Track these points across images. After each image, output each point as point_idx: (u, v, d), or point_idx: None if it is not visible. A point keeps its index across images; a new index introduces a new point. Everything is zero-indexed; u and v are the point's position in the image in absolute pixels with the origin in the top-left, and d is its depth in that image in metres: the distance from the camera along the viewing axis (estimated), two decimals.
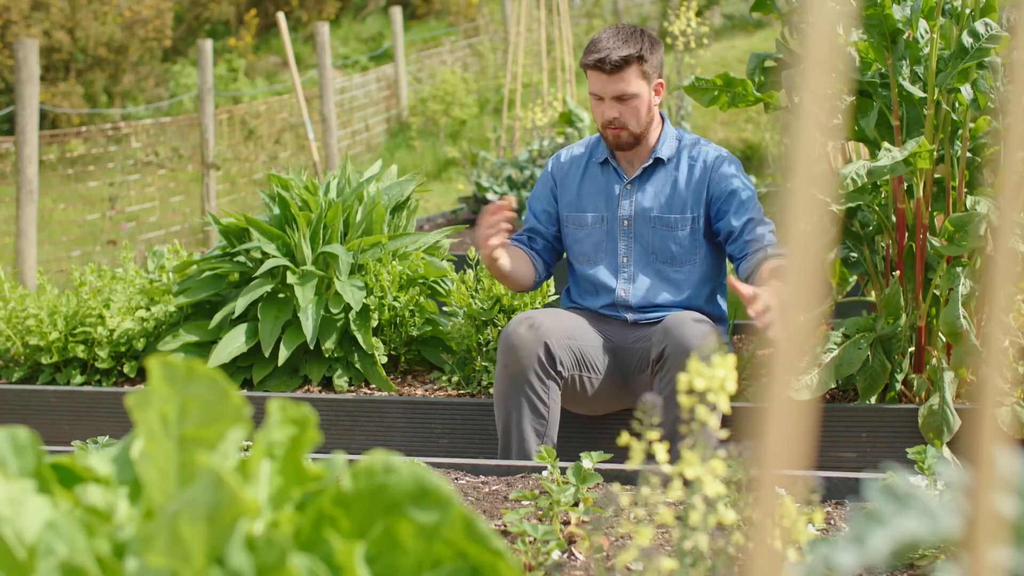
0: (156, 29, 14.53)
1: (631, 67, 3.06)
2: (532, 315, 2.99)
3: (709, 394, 1.19)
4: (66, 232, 9.14)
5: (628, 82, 3.07)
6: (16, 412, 3.81)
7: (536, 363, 2.91)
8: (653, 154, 3.16)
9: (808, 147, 0.65)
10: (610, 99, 3.08)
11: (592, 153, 3.27)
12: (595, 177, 3.24)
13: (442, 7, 17.94)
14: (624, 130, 3.11)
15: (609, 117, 3.09)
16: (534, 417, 2.92)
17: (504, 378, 2.94)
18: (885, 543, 0.76)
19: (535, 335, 2.92)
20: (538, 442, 2.92)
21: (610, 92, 3.08)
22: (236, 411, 0.99)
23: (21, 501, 0.98)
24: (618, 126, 3.10)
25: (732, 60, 11.96)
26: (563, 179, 3.28)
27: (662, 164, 3.17)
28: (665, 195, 3.15)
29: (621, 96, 3.08)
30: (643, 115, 3.12)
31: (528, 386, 2.92)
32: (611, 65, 3.05)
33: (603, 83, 3.07)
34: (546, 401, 2.93)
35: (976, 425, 0.69)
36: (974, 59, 2.91)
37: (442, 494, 0.97)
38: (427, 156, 11.51)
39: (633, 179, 3.18)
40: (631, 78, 3.07)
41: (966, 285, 2.95)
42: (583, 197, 3.23)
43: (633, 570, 1.73)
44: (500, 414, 2.96)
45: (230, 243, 4.00)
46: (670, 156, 3.16)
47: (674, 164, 3.16)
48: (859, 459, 3.11)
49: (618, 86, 3.07)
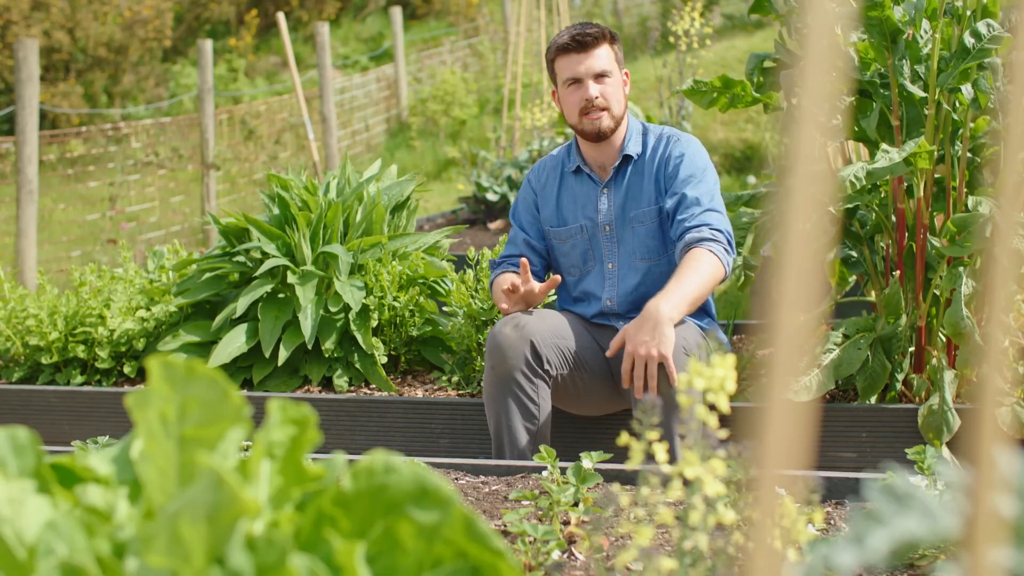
0: (156, 29, 14.53)
1: (603, 44, 3.08)
2: (517, 316, 2.98)
3: (708, 394, 1.19)
4: (66, 232, 9.14)
5: (604, 59, 3.07)
6: (16, 412, 3.81)
7: (523, 362, 2.90)
8: (622, 152, 3.15)
9: (808, 147, 0.65)
10: (590, 78, 3.07)
11: (564, 164, 3.25)
12: (571, 187, 3.22)
13: (442, 7, 17.94)
14: (606, 111, 3.08)
15: (592, 94, 3.06)
16: (524, 416, 2.92)
17: (492, 378, 2.93)
18: (885, 543, 0.76)
19: (520, 334, 2.92)
20: (530, 441, 2.92)
21: (589, 69, 3.06)
22: (236, 411, 0.99)
23: (21, 501, 0.98)
24: (600, 106, 3.07)
25: (732, 60, 11.95)
26: (541, 192, 3.26)
27: (631, 161, 3.15)
28: (635, 191, 3.14)
29: (600, 74, 3.07)
30: (622, 97, 3.12)
31: (516, 385, 2.91)
32: (585, 41, 3.05)
33: (579, 61, 3.06)
34: (535, 400, 2.93)
35: (976, 425, 0.69)
36: (976, 59, 2.91)
37: (442, 494, 0.97)
38: (427, 156, 11.50)
39: (608, 182, 3.16)
40: (606, 55, 3.08)
41: (968, 285, 2.95)
42: (563, 209, 3.21)
43: (633, 570, 1.73)
44: (491, 414, 2.96)
45: (230, 243, 4.00)
46: (638, 152, 3.15)
47: (642, 158, 3.15)
48: (859, 459, 3.11)
49: (596, 62, 3.06)
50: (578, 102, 3.08)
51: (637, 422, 1.28)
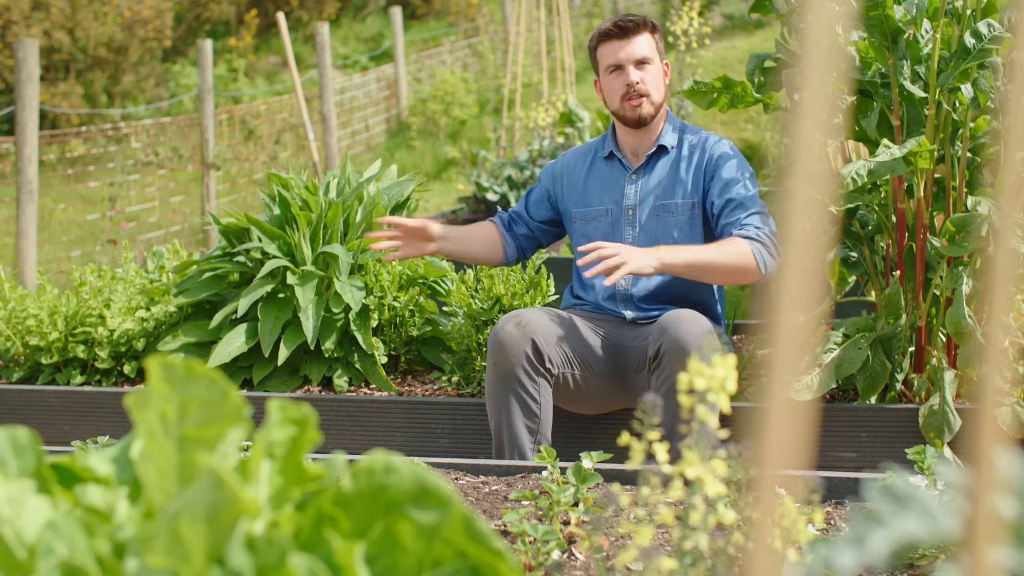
0: (156, 29, 14.53)
1: (644, 32, 3.15)
2: (520, 313, 2.99)
3: (709, 394, 1.19)
4: (66, 232, 9.14)
5: (645, 46, 3.14)
6: (16, 412, 3.81)
7: (524, 360, 2.91)
8: (657, 142, 3.20)
9: (808, 147, 0.65)
10: (631, 64, 3.12)
11: (597, 150, 3.32)
12: (601, 171, 3.28)
13: (442, 7, 17.94)
14: (646, 98, 3.14)
15: (633, 79, 3.12)
16: (525, 415, 2.92)
17: (494, 377, 2.94)
18: (885, 543, 0.76)
19: (522, 332, 2.92)
20: (531, 440, 2.92)
21: (630, 55, 3.12)
22: (236, 411, 0.99)
23: (21, 501, 0.98)
24: (641, 92, 3.13)
25: (732, 60, 11.96)
26: (569, 174, 3.32)
27: (665, 152, 3.21)
28: (667, 182, 3.18)
29: (642, 60, 3.13)
30: (662, 85, 3.18)
31: (518, 384, 2.91)
32: (627, 27, 3.12)
33: (621, 47, 3.13)
34: (537, 398, 2.93)
35: (976, 425, 0.69)
36: (976, 59, 2.91)
37: (442, 494, 0.97)
38: (427, 156, 11.50)
39: (638, 168, 3.21)
40: (648, 43, 3.14)
41: (969, 284, 2.95)
42: (589, 191, 3.27)
43: (633, 570, 1.73)
44: (492, 413, 2.96)
45: (230, 243, 4.00)
46: (672, 144, 3.19)
47: (676, 151, 3.19)
48: (859, 459, 3.11)
49: (637, 48, 3.13)
50: (619, 88, 3.14)
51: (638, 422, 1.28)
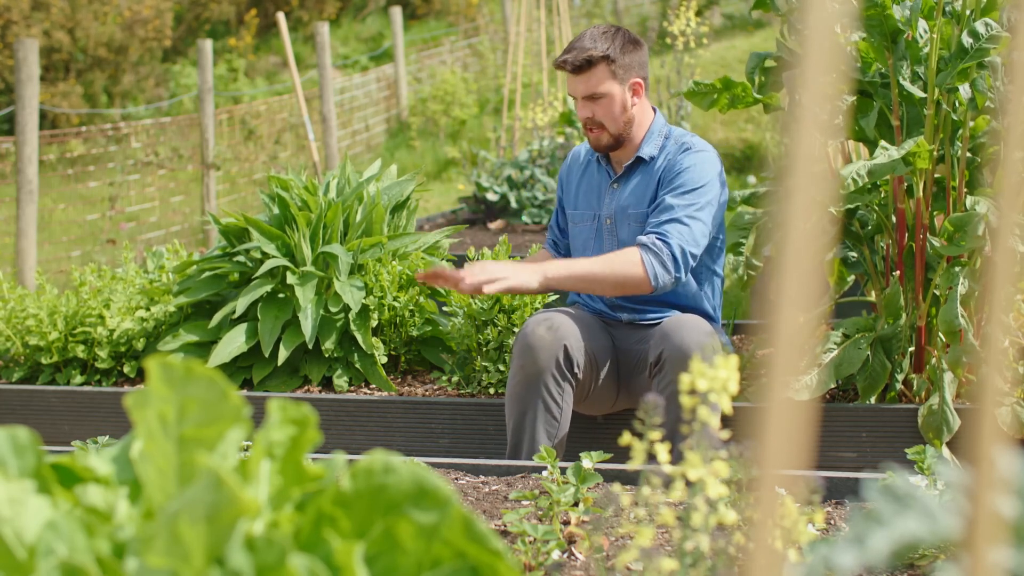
0: (156, 29, 14.52)
1: (596, 67, 3.08)
2: (550, 316, 2.96)
3: (711, 395, 1.19)
4: (66, 232, 9.14)
5: (595, 82, 3.09)
6: (16, 412, 3.81)
7: (554, 365, 2.89)
8: (636, 153, 3.17)
9: (808, 147, 0.65)
10: (581, 99, 3.11)
11: (592, 152, 3.31)
12: (591, 176, 3.29)
13: (442, 7, 17.94)
14: (602, 131, 3.13)
15: (583, 116, 3.13)
16: (547, 418, 2.91)
17: (520, 378, 2.92)
18: (885, 543, 0.76)
19: (554, 336, 2.90)
20: (549, 444, 2.90)
21: (579, 92, 3.11)
22: (235, 411, 0.99)
23: (21, 501, 0.98)
24: (594, 126, 3.13)
25: (732, 60, 11.95)
26: (568, 175, 3.36)
27: (643, 163, 3.17)
28: (640, 191, 3.15)
29: (591, 96, 3.10)
30: (618, 115, 3.12)
31: (544, 387, 2.90)
32: (572, 66, 3.09)
33: (572, 83, 3.13)
34: (559, 403, 2.92)
35: (976, 425, 0.69)
36: (974, 59, 2.91)
37: (442, 494, 0.97)
38: (427, 156, 11.50)
39: (618, 177, 3.20)
40: (598, 78, 3.09)
41: (964, 284, 2.95)
42: (579, 195, 3.29)
43: (633, 570, 1.73)
44: (512, 413, 2.94)
45: (230, 243, 4.00)
46: (652, 155, 3.15)
47: (654, 161, 3.16)
48: (859, 459, 3.11)
49: (586, 85, 3.10)
50: (580, 116, 3.16)
51: (639, 422, 1.28)
